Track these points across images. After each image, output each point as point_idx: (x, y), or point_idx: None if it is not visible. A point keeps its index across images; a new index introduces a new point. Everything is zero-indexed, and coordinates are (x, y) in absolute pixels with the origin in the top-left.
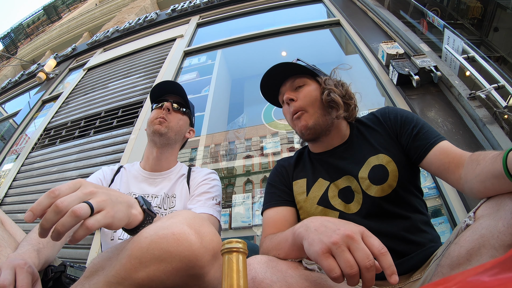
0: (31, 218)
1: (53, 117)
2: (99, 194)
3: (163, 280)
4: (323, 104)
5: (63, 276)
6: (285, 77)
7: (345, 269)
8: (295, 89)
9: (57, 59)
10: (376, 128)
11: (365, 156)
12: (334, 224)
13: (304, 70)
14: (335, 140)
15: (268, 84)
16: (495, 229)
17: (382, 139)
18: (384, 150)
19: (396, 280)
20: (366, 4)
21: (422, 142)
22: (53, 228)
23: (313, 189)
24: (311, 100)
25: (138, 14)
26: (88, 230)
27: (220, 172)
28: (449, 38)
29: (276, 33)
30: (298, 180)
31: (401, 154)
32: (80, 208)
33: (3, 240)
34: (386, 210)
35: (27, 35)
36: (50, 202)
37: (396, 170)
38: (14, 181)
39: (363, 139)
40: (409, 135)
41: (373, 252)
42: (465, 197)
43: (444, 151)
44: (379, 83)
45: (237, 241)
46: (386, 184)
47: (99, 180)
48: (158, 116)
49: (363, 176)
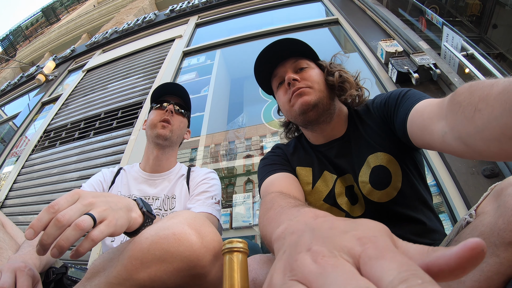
0: (32, 236)
1: (53, 119)
2: (99, 204)
3: (164, 280)
4: (329, 87)
5: (64, 278)
6: (284, 58)
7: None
8: (297, 72)
9: (56, 61)
10: (368, 122)
11: (363, 154)
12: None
13: (306, 52)
14: (335, 131)
15: (263, 63)
16: (495, 227)
17: (375, 134)
18: (380, 147)
19: None
20: (365, 3)
21: (401, 115)
22: (55, 244)
23: (320, 182)
24: (316, 80)
25: (137, 15)
26: (94, 243)
27: (221, 172)
28: (448, 35)
29: (275, 32)
30: (303, 167)
31: (398, 145)
32: (83, 221)
33: (4, 242)
34: (393, 213)
35: (26, 37)
36: (50, 217)
37: (399, 168)
38: (14, 183)
39: (359, 135)
40: (393, 113)
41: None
42: (466, 194)
43: (419, 110)
44: (378, 81)
45: (238, 240)
46: (390, 187)
47: (99, 182)
48: (160, 118)
49: (364, 180)
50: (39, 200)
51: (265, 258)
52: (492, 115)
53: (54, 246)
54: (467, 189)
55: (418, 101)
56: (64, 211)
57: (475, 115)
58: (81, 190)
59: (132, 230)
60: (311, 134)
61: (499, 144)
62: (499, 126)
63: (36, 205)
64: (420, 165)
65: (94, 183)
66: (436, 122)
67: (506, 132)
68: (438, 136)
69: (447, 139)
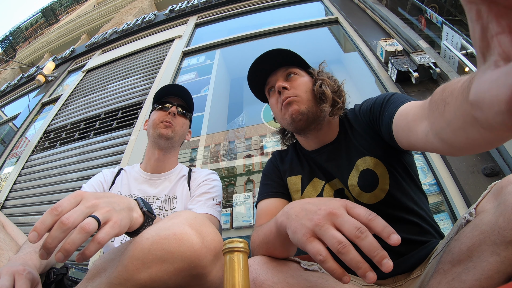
0: (36, 239)
1: (53, 120)
2: (102, 205)
3: (165, 280)
4: (315, 96)
5: (65, 278)
6: (276, 67)
7: (334, 247)
8: (287, 79)
9: (56, 62)
10: (355, 127)
11: (352, 158)
12: (314, 204)
13: (296, 61)
14: (327, 136)
15: (256, 73)
16: (495, 225)
17: (362, 139)
18: (368, 152)
19: (397, 240)
20: (364, 2)
21: (386, 119)
22: (60, 247)
23: (308, 187)
24: (304, 89)
25: (136, 15)
26: (100, 245)
27: (221, 172)
28: (448, 34)
29: (274, 32)
30: (293, 176)
31: (385, 149)
32: (88, 223)
33: (5, 243)
34: (385, 215)
35: (25, 38)
36: (54, 220)
37: (386, 171)
38: (15, 184)
39: (349, 140)
40: (378, 118)
41: (361, 221)
42: (466, 193)
43: (403, 113)
44: (378, 80)
45: (238, 240)
46: (377, 189)
47: (100, 183)
48: (163, 119)
49: (353, 183)
50: (39, 201)
51: (266, 258)
52: (456, 106)
53: (59, 250)
54: (467, 188)
55: (401, 104)
56: (68, 214)
57: (445, 109)
58: (83, 192)
59: (133, 230)
60: (304, 140)
61: (465, 133)
62: (461, 114)
63: (37, 206)
64: (411, 167)
65: (94, 184)
66: (419, 123)
67: (467, 119)
68: (422, 136)
69: (429, 138)
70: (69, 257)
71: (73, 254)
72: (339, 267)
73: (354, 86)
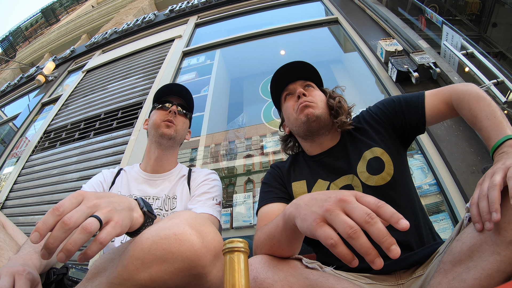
0: (38, 239)
1: (53, 120)
2: (103, 205)
3: (165, 280)
4: (328, 107)
5: (65, 278)
6: (296, 77)
7: (344, 232)
8: (305, 89)
9: (56, 62)
10: (363, 127)
11: (360, 150)
12: (324, 194)
13: (313, 76)
14: (330, 142)
15: (280, 77)
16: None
17: (370, 135)
18: (375, 143)
19: (406, 224)
20: (364, 2)
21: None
22: (62, 247)
23: (314, 189)
24: (320, 99)
25: (136, 15)
26: (102, 245)
27: (221, 172)
28: (448, 34)
29: (274, 32)
30: (298, 181)
31: (392, 144)
32: (90, 224)
33: (5, 243)
34: (389, 199)
35: (25, 38)
36: (56, 220)
37: (390, 160)
38: (15, 184)
39: (355, 138)
40: (400, 110)
41: (370, 208)
42: (466, 193)
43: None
44: (378, 80)
45: (238, 240)
46: (384, 172)
47: (100, 183)
48: (164, 118)
49: (362, 170)
50: (39, 201)
51: (267, 257)
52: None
53: (61, 250)
54: (468, 188)
55: (422, 98)
56: (70, 214)
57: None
58: (84, 192)
59: (133, 230)
60: (310, 145)
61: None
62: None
63: (37, 206)
64: (405, 166)
65: (94, 184)
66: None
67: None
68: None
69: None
70: (71, 257)
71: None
72: (350, 252)
73: (354, 86)
